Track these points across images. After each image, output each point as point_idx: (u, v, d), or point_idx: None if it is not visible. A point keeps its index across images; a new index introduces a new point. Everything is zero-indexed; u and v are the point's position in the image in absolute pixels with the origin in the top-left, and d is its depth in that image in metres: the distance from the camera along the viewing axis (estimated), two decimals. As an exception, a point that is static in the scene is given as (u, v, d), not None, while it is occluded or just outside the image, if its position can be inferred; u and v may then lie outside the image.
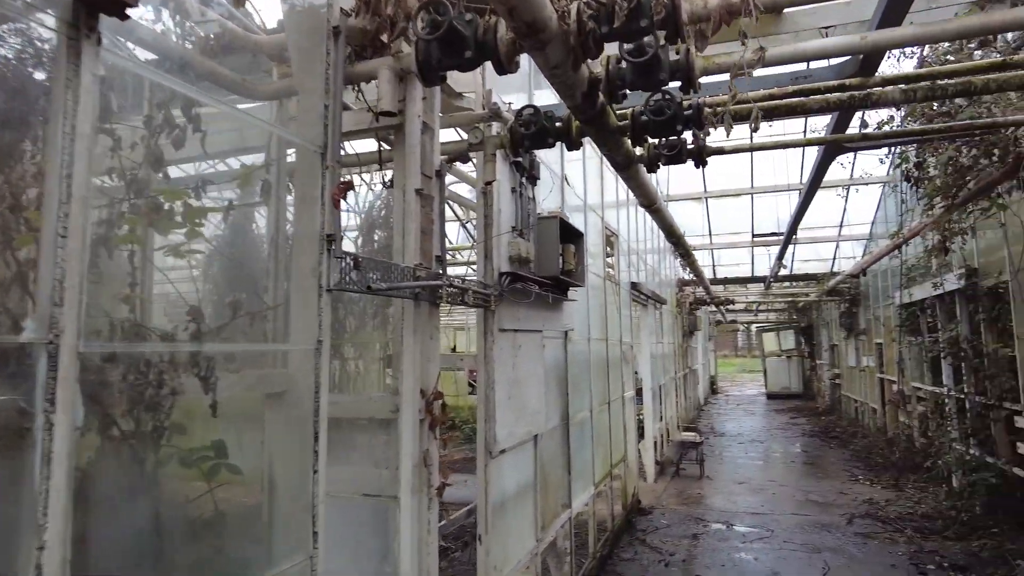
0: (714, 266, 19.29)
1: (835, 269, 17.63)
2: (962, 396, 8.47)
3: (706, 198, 15.09)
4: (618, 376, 8.34)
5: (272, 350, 2.63)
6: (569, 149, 3.43)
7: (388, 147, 3.64)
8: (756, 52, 2.42)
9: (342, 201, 2.41)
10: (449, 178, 6.46)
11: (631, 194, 10.70)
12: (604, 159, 8.16)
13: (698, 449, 11.67)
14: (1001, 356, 7.48)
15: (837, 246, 17.39)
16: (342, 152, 4.50)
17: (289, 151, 3.38)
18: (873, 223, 15.01)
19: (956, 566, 6.39)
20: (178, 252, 2.69)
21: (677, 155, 3.69)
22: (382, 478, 3.17)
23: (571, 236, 4.95)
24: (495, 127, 3.78)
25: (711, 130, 3.33)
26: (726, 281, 20.27)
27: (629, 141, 3.46)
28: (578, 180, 6.78)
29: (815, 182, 5.63)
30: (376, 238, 3.80)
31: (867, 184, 13.34)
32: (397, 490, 3.05)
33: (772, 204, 15.07)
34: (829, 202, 14.85)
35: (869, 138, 3.76)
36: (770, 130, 12.70)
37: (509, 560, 4.10)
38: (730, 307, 24.83)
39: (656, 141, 3.83)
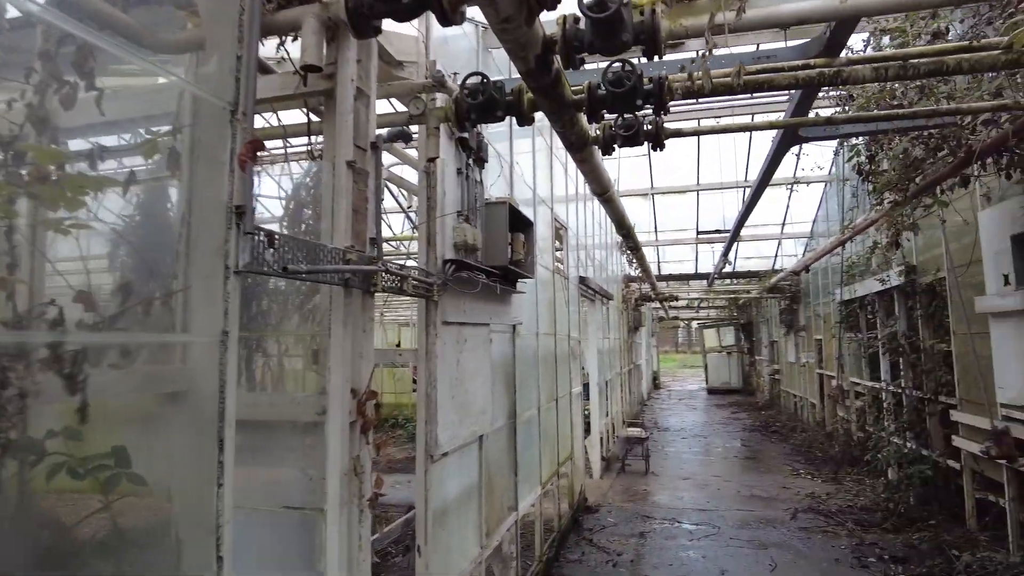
0: (659, 263, 19.44)
1: (777, 266, 18.01)
2: (899, 391, 8.64)
3: (653, 195, 15.11)
4: (566, 372, 8.13)
5: (165, 342, 2.23)
6: (520, 123, 3.13)
7: (319, 118, 3.27)
8: (733, 5, 2.18)
9: (252, 164, 2.03)
10: (390, 159, 6.06)
11: (580, 188, 10.52)
12: (554, 151, 7.92)
13: (643, 445, 11.62)
14: (937, 351, 7.63)
15: (779, 244, 17.77)
16: (265, 121, 4.06)
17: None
18: (815, 221, 15.34)
19: (896, 558, 6.45)
20: (60, 228, 2.26)
21: (634, 136, 3.45)
22: (306, 489, 2.81)
23: (521, 225, 4.67)
24: (440, 99, 3.45)
25: (671, 106, 3.10)
26: (670, 278, 20.49)
27: (584, 117, 3.20)
28: (528, 170, 6.50)
29: (768, 173, 5.53)
30: (305, 219, 3.41)
31: (810, 183, 13.60)
32: (323, 502, 2.69)
33: (718, 201, 15.23)
34: (773, 201, 15.11)
35: (833, 122, 3.62)
36: (718, 125, 12.78)
37: (451, 571, 3.79)
38: (673, 304, 25.22)
39: (612, 120, 3.58)
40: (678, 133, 3.50)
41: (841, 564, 6.40)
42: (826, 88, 5.25)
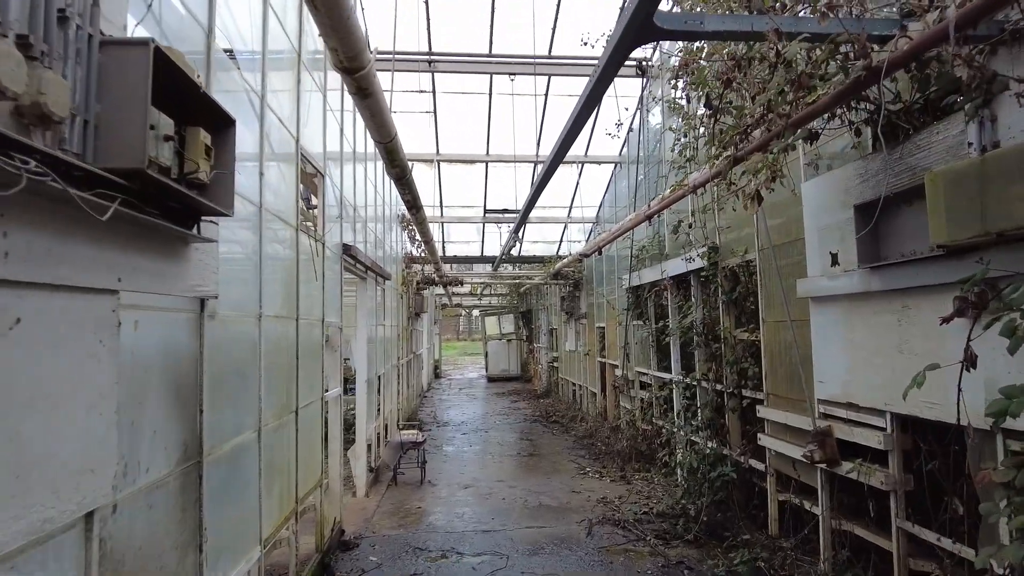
0: (444, 242, 17.94)
1: (562, 252, 17.55)
2: (694, 383, 8.00)
3: (439, 161, 13.40)
4: (316, 370, 6.02)
5: None
6: None
7: None
8: None
9: None
10: None
11: (358, 145, 8.42)
12: (304, 62, 5.75)
13: (419, 449, 9.93)
14: (740, 341, 7.00)
15: (565, 228, 17.29)
16: None
17: None
18: (600, 207, 14.95)
19: (708, 583, 5.54)
20: None
21: None
22: None
23: (204, 114, 2.55)
24: None
25: None
26: (456, 260, 19.15)
27: None
28: (250, 70, 4.31)
29: (590, 100, 4.06)
30: None
31: (601, 163, 13.00)
32: None
33: (509, 178, 14.04)
34: (562, 182, 14.38)
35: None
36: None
37: None
38: (456, 291, 24.05)
39: None
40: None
41: (651, 597, 5.30)
42: None
